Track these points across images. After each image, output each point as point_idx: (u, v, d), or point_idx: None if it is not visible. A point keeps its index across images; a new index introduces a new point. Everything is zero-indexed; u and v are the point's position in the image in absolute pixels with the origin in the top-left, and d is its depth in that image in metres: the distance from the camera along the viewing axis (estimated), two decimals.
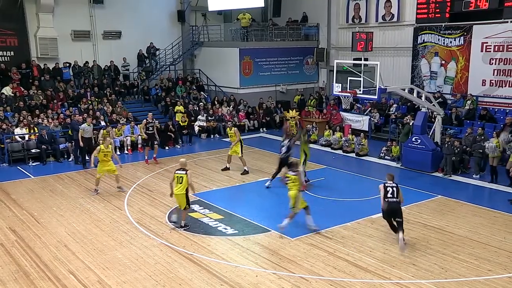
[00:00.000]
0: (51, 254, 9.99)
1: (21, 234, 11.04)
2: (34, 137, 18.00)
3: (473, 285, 8.62)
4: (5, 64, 21.48)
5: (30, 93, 20.85)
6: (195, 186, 11.94)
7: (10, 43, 21.86)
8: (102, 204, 13.07)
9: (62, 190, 14.39)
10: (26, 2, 21.95)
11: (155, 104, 23.51)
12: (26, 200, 13.43)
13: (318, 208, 12.69)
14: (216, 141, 21.20)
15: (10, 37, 21.80)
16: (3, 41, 21.69)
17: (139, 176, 15.56)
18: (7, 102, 19.97)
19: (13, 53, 21.93)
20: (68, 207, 12.87)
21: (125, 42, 24.56)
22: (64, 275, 9.05)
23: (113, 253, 10.01)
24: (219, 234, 11.02)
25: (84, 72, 23.19)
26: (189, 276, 8.99)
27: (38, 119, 18.86)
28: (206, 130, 21.91)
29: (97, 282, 8.78)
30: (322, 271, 9.16)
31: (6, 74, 21.25)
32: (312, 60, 26.61)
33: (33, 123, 18.53)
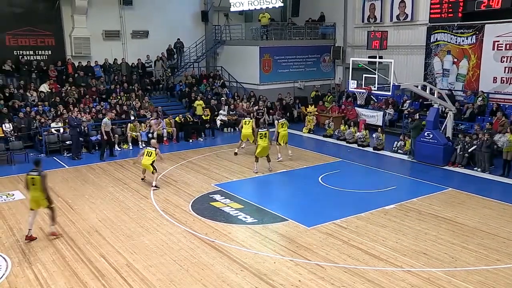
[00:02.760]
0: (84, 238, 10.16)
1: (57, 220, 11.22)
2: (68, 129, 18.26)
3: (482, 274, 8.49)
4: (43, 62, 21.87)
5: (65, 89, 21.16)
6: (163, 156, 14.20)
7: (48, 43, 22.25)
8: (130, 193, 13.22)
9: (93, 179, 14.61)
10: (63, 5, 22.26)
11: (180, 99, 23.64)
12: (61, 189, 13.67)
13: (334, 199, 12.68)
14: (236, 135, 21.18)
15: (48, 38, 22.19)
16: (42, 41, 22.08)
17: (164, 167, 15.68)
18: (45, 97, 20.34)
19: (51, 52, 22.32)
20: (99, 196, 13.06)
21: (152, 41, 24.71)
22: (96, 258, 9.21)
23: (140, 239, 10.14)
24: (240, 222, 11.06)
25: (113, 69, 23.44)
26: (211, 261, 9.05)
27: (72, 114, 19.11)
28: (228, 124, 21.94)
29: (126, 265, 8.91)
30: (337, 258, 9.13)
31: (44, 72, 21.62)
32: (328, 58, 26.39)
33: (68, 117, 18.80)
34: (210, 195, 12.91)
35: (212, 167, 15.69)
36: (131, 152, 18.14)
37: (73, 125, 17.19)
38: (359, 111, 21.68)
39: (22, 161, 16.68)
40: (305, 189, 13.56)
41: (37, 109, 19.21)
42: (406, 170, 15.67)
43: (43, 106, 19.59)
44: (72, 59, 22.66)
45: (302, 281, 8.30)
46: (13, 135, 17.52)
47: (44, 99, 20.27)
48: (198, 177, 14.67)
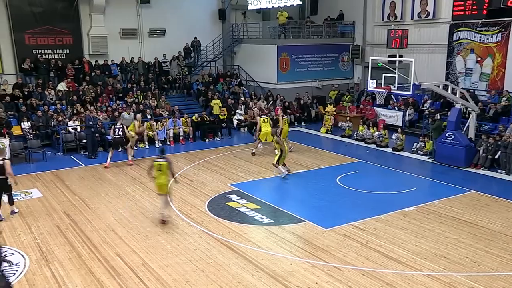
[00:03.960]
0: (100, 237, 10.28)
1: (74, 218, 11.40)
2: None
3: (506, 280, 8.33)
4: (61, 61, 22.20)
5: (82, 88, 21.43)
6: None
7: (66, 42, 22.55)
8: (146, 192, 13.32)
9: (110, 178, 14.76)
10: (81, 4, 22.53)
11: (196, 98, 23.74)
12: (78, 187, 13.85)
13: (352, 200, 12.59)
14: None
15: (66, 36, 22.50)
16: (60, 40, 22.39)
17: (180, 167, 15.76)
18: (63, 96, 20.64)
19: (68, 50, 22.63)
20: (115, 194, 13.19)
21: (169, 39, 24.87)
22: (111, 257, 9.31)
23: (156, 238, 10.21)
24: (256, 223, 11.06)
25: (130, 68, 23.67)
26: (226, 262, 9.06)
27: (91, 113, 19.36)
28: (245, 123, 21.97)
29: (141, 265, 8.98)
30: (354, 261, 9.06)
31: (62, 70, 21.94)
32: (347, 57, 26.21)
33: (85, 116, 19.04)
34: (226, 195, 12.94)
35: (229, 166, 15.72)
36: (147, 151, 18.29)
37: (87, 124, 17.40)
38: (378, 111, 21.50)
39: (40, 159, 16.95)
40: (322, 189, 13.49)
41: (55, 107, 19.50)
42: (426, 171, 15.47)
43: (60, 104, 19.88)
44: (89, 58, 22.93)
45: (318, 283, 8.26)
46: (31, 133, 17.82)
47: (62, 97, 20.56)
48: (214, 176, 14.71)
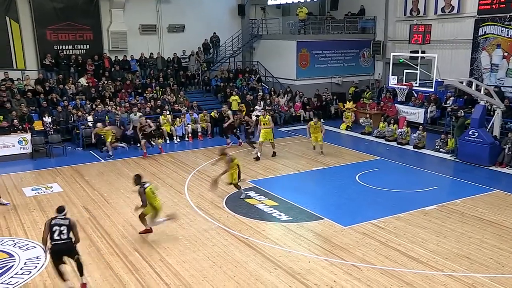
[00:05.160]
0: (119, 232, 10.40)
1: (93, 213, 11.56)
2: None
3: None
4: (81, 56, 22.52)
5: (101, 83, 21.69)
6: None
7: (86, 37, 22.86)
8: (164, 188, 13.42)
9: (128, 173, 14.88)
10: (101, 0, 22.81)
11: (215, 94, 23.81)
12: (97, 182, 14.03)
13: (371, 198, 12.49)
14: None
15: (86, 32, 22.80)
16: (81, 36, 22.70)
17: (198, 163, 15.85)
18: (83, 91, 20.93)
19: (89, 46, 22.92)
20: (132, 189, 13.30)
21: (188, 35, 24.97)
22: (130, 252, 9.41)
23: (174, 234, 10.28)
24: (274, 220, 11.05)
25: (149, 64, 23.85)
26: (244, 259, 9.08)
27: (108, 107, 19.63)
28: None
29: (159, 260, 9.06)
30: (373, 259, 8.99)
31: (82, 66, 22.24)
32: (368, 52, 25.95)
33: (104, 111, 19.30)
34: (246, 191, 12.94)
35: (247, 163, 15.72)
36: (168, 146, 18.44)
37: (94, 119, 17.71)
38: (399, 108, 21.25)
39: (60, 154, 17.22)
40: (341, 187, 13.41)
41: (75, 103, 19.78)
42: (448, 169, 15.25)
43: (80, 100, 20.17)
44: (109, 54, 23.19)
45: (337, 281, 8.22)
46: (52, 128, 18.11)
47: (82, 93, 20.84)
48: None
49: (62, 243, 7.54)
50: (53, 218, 7.70)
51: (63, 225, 7.56)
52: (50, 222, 7.60)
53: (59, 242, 7.53)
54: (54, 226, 7.55)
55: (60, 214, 7.69)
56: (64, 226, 7.57)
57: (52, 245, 7.55)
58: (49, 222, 7.61)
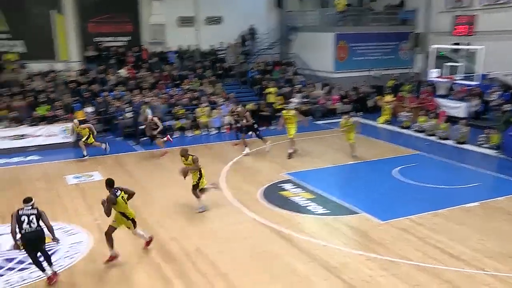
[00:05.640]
0: (156, 222, 10.58)
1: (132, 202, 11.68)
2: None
3: None
4: (121, 48, 22.99)
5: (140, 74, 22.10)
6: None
7: (126, 30, 23.36)
8: None
9: (166, 164, 15.13)
10: None
11: (252, 86, 23.84)
12: (135, 172, 14.32)
13: (410, 193, 12.25)
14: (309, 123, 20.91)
15: (126, 24, 23.30)
16: (121, 28, 23.25)
17: (235, 154, 15.93)
18: (122, 82, 21.40)
19: (128, 38, 23.41)
20: (170, 180, 13.50)
21: (226, 27, 25.05)
22: (167, 242, 9.56)
23: (210, 225, 10.39)
24: (310, 213, 11.00)
25: (187, 56, 24.09)
26: (279, 251, 9.09)
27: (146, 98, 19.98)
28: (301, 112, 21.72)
29: (195, 250, 9.17)
30: (411, 256, 8.81)
31: (122, 58, 22.72)
32: (408, 45, 25.36)
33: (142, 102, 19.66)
34: (280, 184, 12.94)
35: (283, 155, 15.69)
36: (203, 138, 18.63)
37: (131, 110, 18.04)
38: (439, 101, 20.68)
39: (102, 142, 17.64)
40: (379, 181, 13.21)
41: (114, 94, 20.24)
42: (492, 166, 14.75)
43: (119, 91, 20.61)
44: (148, 46, 23.57)
45: (373, 276, 8.12)
46: (93, 118, 18.60)
47: (122, 84, 21.30)
48: (268, 165, 14.76)
49: (32, 231, 7.72)
50: (20, 209, 7.81)
51: (31, 215, 7.76)
52: (17, 214, 7.73)
53: (28, 231, 7.70)
54: (22, 216, 7.72)
55: (27, 205, 7.83)
56: (33, 215, 7.77)
57: (22, 235, 7.68)
58: (16, 214, 7.73)
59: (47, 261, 8.01)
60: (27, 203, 7.85)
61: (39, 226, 7.81)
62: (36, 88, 19.74)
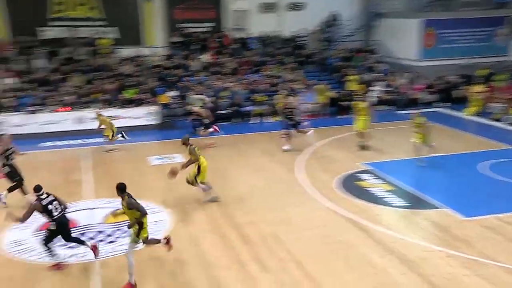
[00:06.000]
0: (235, 205, 10.84)
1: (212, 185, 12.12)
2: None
3: None
4: (205, 34, 23.64)
5: (222, 60, 22.60)
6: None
7: (210, 16, 23.96)
8: (278, 164, 13.71)
9: (245, 149, 15.42)
10: None
11: (332, 73, 23.50)
12: (216, 155, 14.65)
13: (499, 190, 11.54)
14: (390, 113, 20.33)
15: (210, 11, 23.91)
16: (204, 14, 23.86)
17: (311, 142, 15.88)
18: (205, 68, 22.02)
19: (211, 24, 24.02)
20: (251, 165, 13.79)
21: (308, 13, 24.80)
22: (244, 225, 9.79)
23: (286, 211, 10.48)
24: (388, 205, 10.74)
25: (268, 42, 24.23)
26: (355, 241, 8.99)
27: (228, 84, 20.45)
28: (382, 101, 21.14)
29: (270, 235, 9.31)
30: (497, 256, 8.32)
31: (205, 43, 23.35)
32: (504, 30, 23.61)
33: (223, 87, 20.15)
34: (358, 174, 12.74)
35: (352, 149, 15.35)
36: None
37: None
38: None
39: (183, 126, 18.33)
40: (464, 176, 12.57)
41: (193, 78, 20.90)
42: None
43: (201, 76, 21.23)
44: (230, 31, 24.01)
45: (454, 274, 7.80)
46: (176, 102, 19.38)
47: (204, 69, 21.93)
48: (346, 154, 14.56)
49: (62, 215, 8.00)
50: (39, 199, 7.84)
51: (53, 201, 7.94)
52: (41, 205, 7.78)
53: (60, 215, 7.95)
54: (47, 206, 7.82)
55: (39, 193, 7.90)
56: (55, 201, 7.97)
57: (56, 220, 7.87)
58: (40, 205, 7.78)
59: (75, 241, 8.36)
60: (39, 191, 7.92)
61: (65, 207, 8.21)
62: (124, 72, 20.89)
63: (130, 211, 7.52)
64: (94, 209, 10.50)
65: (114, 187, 7.63)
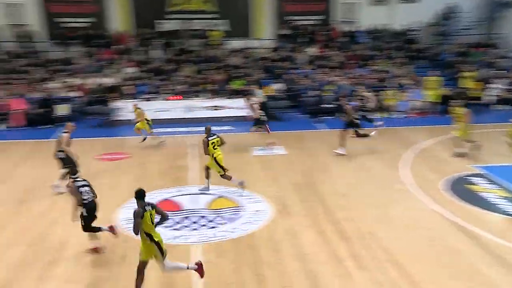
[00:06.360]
0: (334, 200, 10.74)
1: (311, 179, 12.15)
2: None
3: None
4: (313, 27, 23.61)
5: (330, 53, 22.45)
6: None
7: (319, 9, 24.01)
8: (381, 161, 13.36)
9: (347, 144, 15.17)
10: None
11: (445, 69, 22.20)
12: (319, 150, 14.70)
13: None
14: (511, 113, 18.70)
15: (320, 3, 23.91)
16: (315, 7, 24.04)
17: (420, 140, 15.20)
18: (311, 61, 22.04)
19: (320, 17, 23.92)
20: (351, 160, 13.60)
21: (422, 5, 23.63)
22: (342, 221, 9.66)
23: (386, 209, 10.18)
24: (503, 212, 9.96)
25: (378, 35, 23.54)
26: (461, 248, 8.48)
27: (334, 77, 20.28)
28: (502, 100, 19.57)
29: (370, 233, 9.12)
30: None
31: (313, 36, 23.35)
32: None
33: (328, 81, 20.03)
34: (469, 177, 11.97)
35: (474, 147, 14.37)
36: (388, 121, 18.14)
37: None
38: None
39: (287, 119, 18.60)
40: None
41: (301, 71, 20.99)
42: None
43: (307, 69, 21.30)
44: (338, 24, 23.72)
45: None
46: (281, 94, 19.67)
47: (310, 62, 21.96)
48: None
49: (92, 200, 8.37)
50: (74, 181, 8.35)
51: (85, 186, 8.39)
52: (76, 186, 8.27)
53: (90, 200, 8.33)
54: (80, 188, 8.29)
55: (75, 177, 8.45)
56: (87, 187, 8.39)
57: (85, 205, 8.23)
58: (75, 187, 8.27)
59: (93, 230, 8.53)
60: (75, 175, 8.55)
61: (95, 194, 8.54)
62: (232, 64, 21.64)
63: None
64: (198, 195, 11.07)
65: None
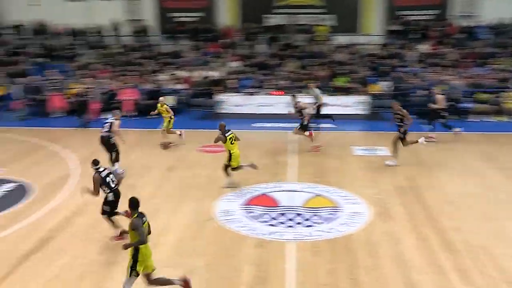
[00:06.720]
0: (440, 208, 10.03)
1: (416, 183, 11.47)
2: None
3: None
4: (427, 22, 22.41)
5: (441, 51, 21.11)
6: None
7: (435, 2, 22.65)
8: (498, 170, 12.29)
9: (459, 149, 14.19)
10: None
11: None
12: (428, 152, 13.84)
13: None
14: None
15: None
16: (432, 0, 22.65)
17: None
18: (421, 59, 20.90)
19: (436, 11, 22.55)
20: (462, 166, 12.73)
21: None
22: (448, 231, 8.98)
23: (502, 223, 9.28)
24: None
25: (502, 30, 21.61)
26: None
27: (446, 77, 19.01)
28: None
29: (480, 247, 8.34)
30: None
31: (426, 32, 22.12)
32: None
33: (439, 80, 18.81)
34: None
35: None
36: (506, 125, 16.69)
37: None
38: None
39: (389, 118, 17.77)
40: None
41: (410, 70, 19.96)
42: None
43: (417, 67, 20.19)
44: (456, 19, 22.18)
45: None
46: (388, 93, 18.89)
47: (420, 60, 20.82)
48: None
49: (117, 189, 8.49)
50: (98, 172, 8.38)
51: (110, 174, 8.54)
52: (100, 177, 8.34)
53: (116, 189, 8.47)
54: (106, 178, 8.38)
55: (97, 166, 8.45)
56: (111, 175, 8.55)
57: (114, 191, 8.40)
58: (99, 177, 8.33)
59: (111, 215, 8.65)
60: (97, 165, 8.53)
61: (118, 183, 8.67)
62: (337, 60, 21.22)
63: (132, 232, 6.55)
64: (296, 192, 10.98)
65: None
